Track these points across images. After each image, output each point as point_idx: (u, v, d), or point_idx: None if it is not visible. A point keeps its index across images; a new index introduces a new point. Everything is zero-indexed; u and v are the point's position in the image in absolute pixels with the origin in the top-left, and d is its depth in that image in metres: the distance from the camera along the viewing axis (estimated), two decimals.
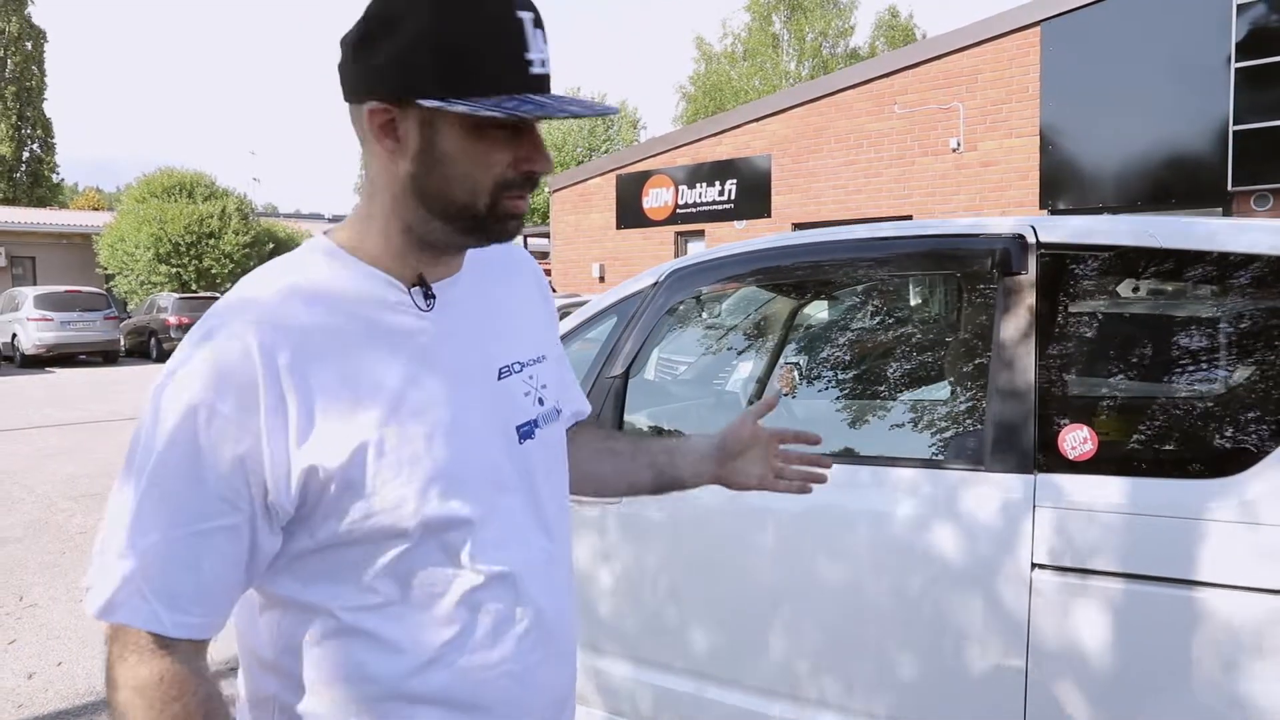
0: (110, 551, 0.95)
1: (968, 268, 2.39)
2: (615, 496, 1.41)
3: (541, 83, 1.00)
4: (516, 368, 1.16)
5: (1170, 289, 2.26)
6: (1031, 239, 2.18)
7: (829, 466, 1.38)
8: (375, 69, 0.99)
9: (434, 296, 1.08)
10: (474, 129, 1.00)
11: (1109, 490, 1.93)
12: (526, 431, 1.15)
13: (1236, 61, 10.71)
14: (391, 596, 1.03)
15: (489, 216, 1.04)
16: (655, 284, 2.78)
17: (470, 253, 1.16)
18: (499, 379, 1.13)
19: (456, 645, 1.06)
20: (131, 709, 0.95)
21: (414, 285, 1.07)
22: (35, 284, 26.57)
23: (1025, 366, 2.09)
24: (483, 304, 1.15)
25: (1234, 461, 1.85)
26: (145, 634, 0.95)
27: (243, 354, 0.96)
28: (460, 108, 0.96)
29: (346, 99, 1.05)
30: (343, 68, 1.04)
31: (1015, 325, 2.13)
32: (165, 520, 0.94)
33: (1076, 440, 2.00)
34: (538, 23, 1.01)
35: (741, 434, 1.36)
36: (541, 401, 1.18)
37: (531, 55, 0.99)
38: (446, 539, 1.05)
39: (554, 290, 17.17)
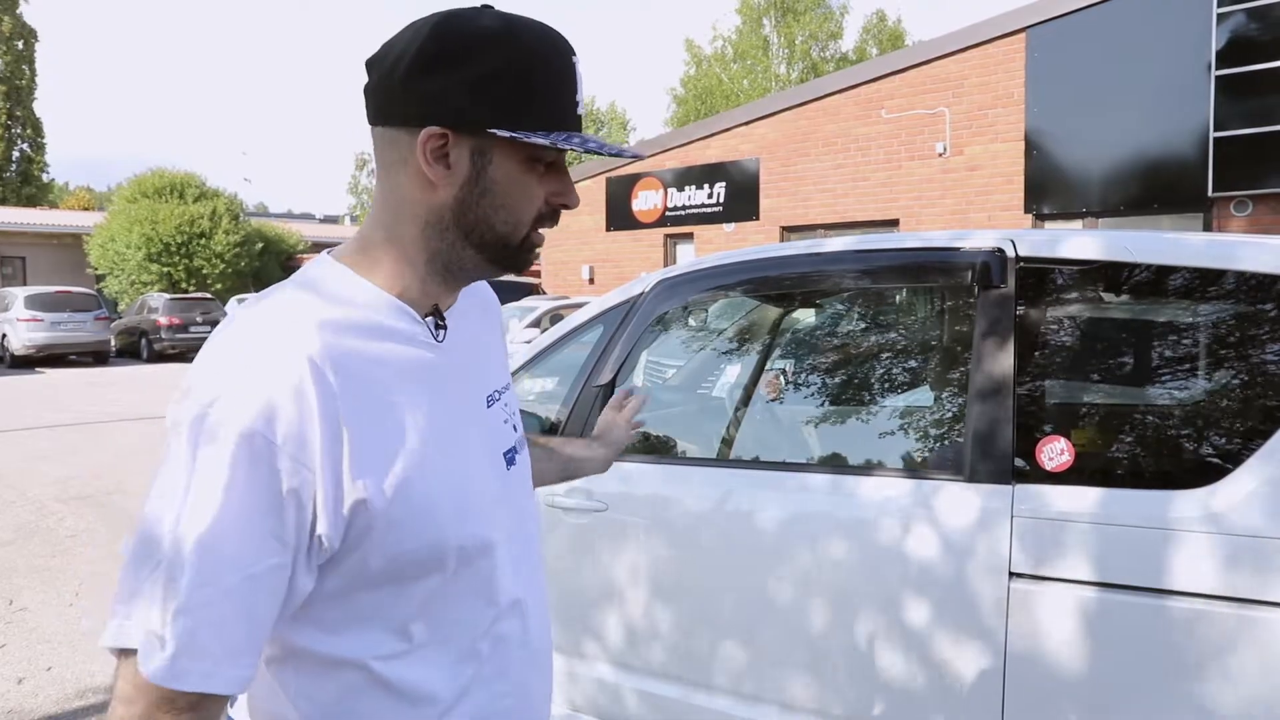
0: (158, 604, 0.88)
1: (949, 281, 2.43)
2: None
3: (581, 122, 1.05)
4: (496, 396, 1.18)
5: (1145, 303, 2.30)
6: (1011, 253, 2.23)
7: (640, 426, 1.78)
8: (439, 94, 0.98)
9: (445, 327, 1.09)
10: (525, 162, 1.02)
11: (1085, 501, 1.96)
12: (510, 457, 1.17)
13: (1217, 69, 10.80)
14: (422, 639, 1.03)
15: (520, 247, 1.06)
16: (642, 294, 2.82)
17: None
18: (488, 407, 1.16)
19: (479, 678, 1.07)
20: None
21: (428, 315, 1.08)
22: (25, 284, 26.45)
23: (1004, 378, 2.13)
24: (469, 334, 1.16)
25: (1207, 472, 1.89)
26: (191, 693, 0.89)
27: (292, 378, 0.92)
28: (537, 139, 0.98)
29: (386, 122, 1.03)
30: (382, 91, 1.02)
31: (994, 337, 2.17)
32: (223, 565, 0.88)
33: (1054, 451, 2.04)
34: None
35: (612, 421, 1.71)
36: (515, 428, 1.21)
37: (579, 96, 1.04)
38: (476, 568, 1.06)
39: (543, 292, 17.21)
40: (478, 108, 0.98)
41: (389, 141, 1.03)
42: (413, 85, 0.99)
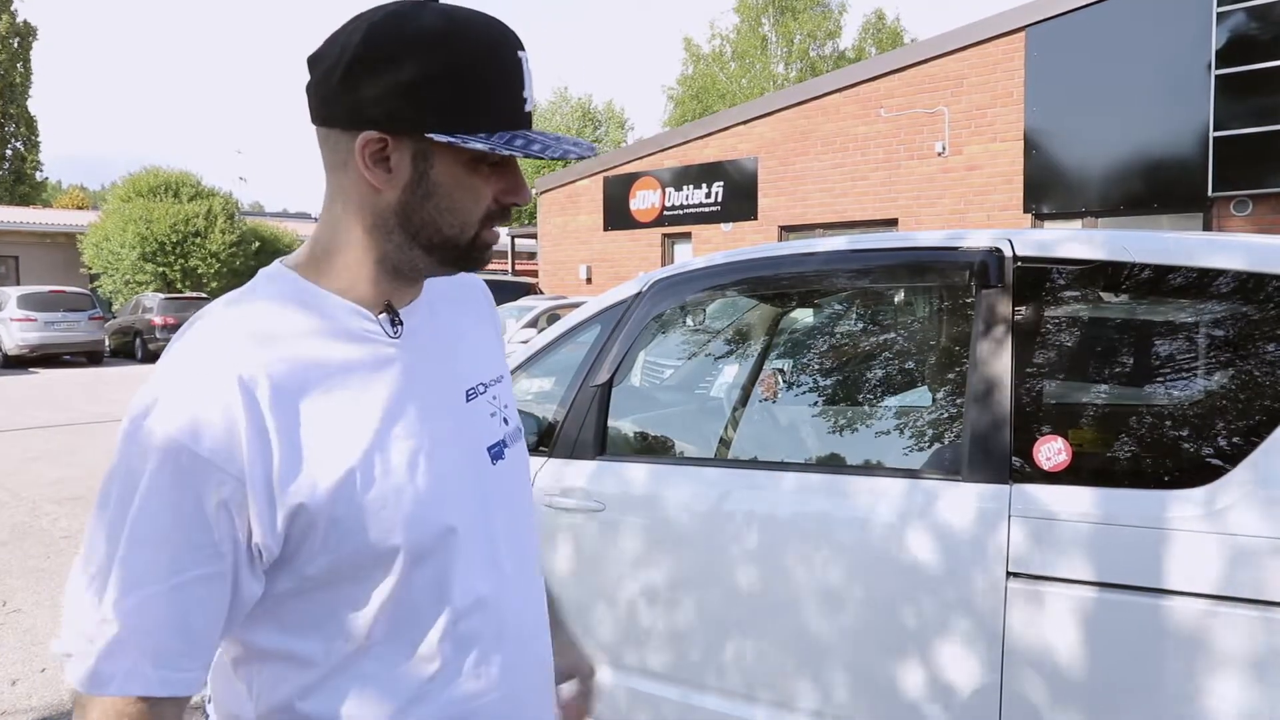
0: (89, 612, 0.90)
1: (946, 280, 2.42)
2: None
3: (530, 119, 1.03)
4: (481, 389, 1.16)
5: (1143, 303, 2.30)
6: (1009, 252, 2.22)
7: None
8: (376, 98, 0.96)
9: (401, 323, 1.07)
10: (470, 163, 1.00)
11: (1082, 500, 1.97)
12: (497, 452, 1.15)
13: (1216, 69, 10.81)
14: (377, 637, 1.01)
15: (471, 247, 1.04)
16: (639, 294, 2.81)
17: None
18: (467, 401, 1.13)
19: (442, 679, 1.05)
20: None
21: (381, 313, 1.06)
22: (18, 284, 26.43)
23: (1001, 378, 2.13)
24: (442, 328, 1.14)
25: (1205, 472, 1.89)
26: (131, 699, 0.90)
27: (219, 393, 0.92)
28: (476, 145, 0.96)
29: (326, 123, 1.01)
30: (321, 92, 1.00)
31: (992, 337, 2.17)
32: (148, 574, 0.90)
33: (1051, 451, 2.04)
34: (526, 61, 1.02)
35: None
36: (506, 421, 1.19)
37: (526, 93, 1.01)
38: (432, 568, 1.03)
39: (540, 292, 17.19)
40: (415, 112, 0.96)
41: (331, 142, 1.02)
42: (349, 88, 0.97)
